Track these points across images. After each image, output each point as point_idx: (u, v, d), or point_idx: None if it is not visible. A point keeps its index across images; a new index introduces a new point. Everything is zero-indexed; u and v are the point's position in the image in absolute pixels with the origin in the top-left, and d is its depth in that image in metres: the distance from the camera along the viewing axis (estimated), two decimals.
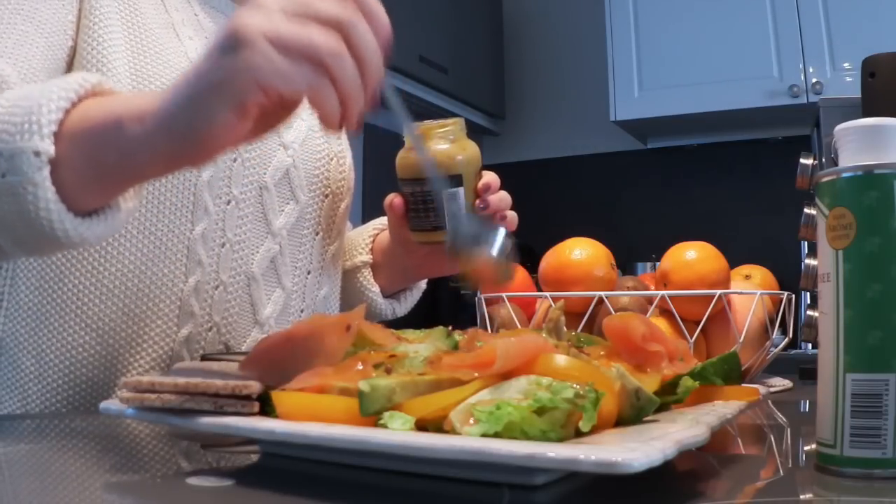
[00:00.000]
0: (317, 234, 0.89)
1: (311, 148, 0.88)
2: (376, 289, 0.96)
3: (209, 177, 0.77)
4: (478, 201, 0.77)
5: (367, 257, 0.96)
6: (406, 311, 1.02)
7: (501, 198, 0.79)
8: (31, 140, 0.54)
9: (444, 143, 0.76)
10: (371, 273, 0.97)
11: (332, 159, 0.90)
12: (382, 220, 0.97)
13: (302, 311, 0.88)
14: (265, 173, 0.82)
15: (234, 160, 0.79)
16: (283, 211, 0.84)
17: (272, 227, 0.83)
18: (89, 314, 0.75)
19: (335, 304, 0.96)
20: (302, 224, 0.87)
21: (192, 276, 0.77)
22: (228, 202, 0.79)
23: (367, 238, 0.97)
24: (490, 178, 0.78)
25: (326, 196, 0.90)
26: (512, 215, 0.80)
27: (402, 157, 0.78)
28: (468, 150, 0.77)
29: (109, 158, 0.54)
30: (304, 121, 0.87)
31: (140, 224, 0.75)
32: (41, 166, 0.54)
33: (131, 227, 0.75)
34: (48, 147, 0.54)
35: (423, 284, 1.03)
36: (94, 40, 0.74)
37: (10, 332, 0.76)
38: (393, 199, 0.80)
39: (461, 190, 0.76)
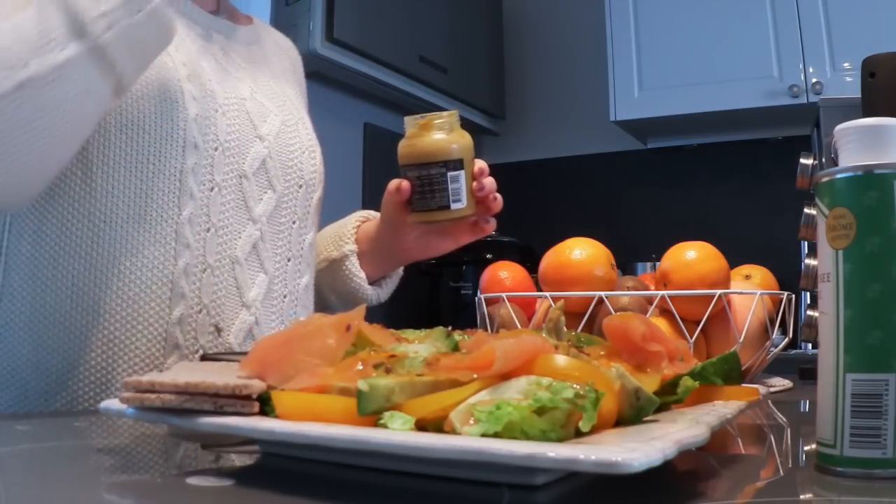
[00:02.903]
0: (294, 222, 0.94)
1: (284, 140, 0.93)
2: (363, 275, 1.02)
3: (193, 164, 0.81)
4: (475, 183, 0.87)
5: (353, 246, 1.02)
6: (387, 297, 1.09)
7: (491, 181, 0.89)
8: None
9: (445, 131, 0.86)
10: (358, 261, 1.02)
11: (303, 152, 0.96)
12: (363, 213, 1.06)
13: (285, 296, 0.92)
14: (244, 162, 0.87)
15: (216, 149, 0.83)
16: (261, 199, 0.89)
17: (252, 213, 0.88)
18: (85, 299, 0.77)
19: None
20: (280, 212, 0.92)
21: (181, 259, 0.80)
22: (212, 189, 0.83)
23: (351, 228, 1.03)
24: (482, 163, 0.89)
25: (300, 186, 0.95)
26: (499, 196, 0.91)
27: (407, 145, 0.86)
28: (466, 139, 0.87)
29: None
30: (276, 116, 0.93)
31: (129, 209, 0.79)
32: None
33: (121, 211, 0.78)
34: None
35: (400, 271, 1.11)
36: None
37: (8, 322, 0.77)
38: (400, 183, 0.87)
39: (463, 173, 0.86)
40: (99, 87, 0.69)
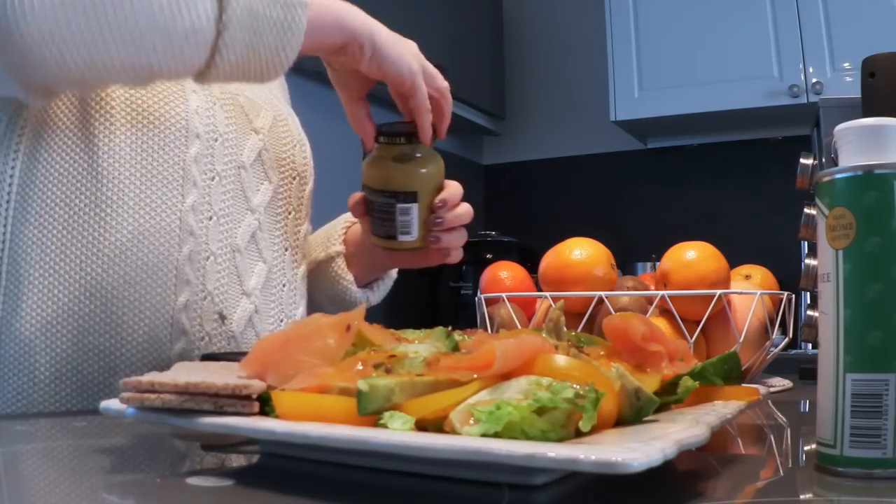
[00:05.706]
0: (289, 213, 0.96)
1: (277, 134, 0.95)
2: (350, 277, 1.01)
3: (196, 153, 0.83)
4: (432, 216, 0.80)
5: (340, 248, 1.01)
6: (379, 300, 1.06)
7: (458, 214, 0.83)
8: None
9: (405, 160, 0.78)
10: (345, 263, 1.01)
11: (294, 145, 0.98)
12: (351, 216, 1.02)
13: (284, 285, 0.94)
14: (242, 154, 0.89)
15: (216, 140, 0.86)
16: (258, 189, 0.91)
17: (251, 203, 0.89)
18: (92, 283, 0.78)
19: None
20: (276, 203, 0.93)
21: (185, 246, 0.82)
22: (213, 178, 0.85)
23: (339, 230, 1.02)
24: (449, 193, 0.81)
25: (294, 178, 0.97)
26: (464, 230, 0.85)
27: (366, 164, 0.81)
28: (428, 167, 0.79)
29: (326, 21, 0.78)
30: (268, 111, 0.95)
31: (135, 195, 0.80)
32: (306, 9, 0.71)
33: (126, 198, 0.79)
34: None
35: (394, 273, 1.07)
36: None
37: (16, 308, 0.77)
38: (355, 201, 0.84)
39: (415, 206, 0.78)
40: (199, 37, 0.67)
